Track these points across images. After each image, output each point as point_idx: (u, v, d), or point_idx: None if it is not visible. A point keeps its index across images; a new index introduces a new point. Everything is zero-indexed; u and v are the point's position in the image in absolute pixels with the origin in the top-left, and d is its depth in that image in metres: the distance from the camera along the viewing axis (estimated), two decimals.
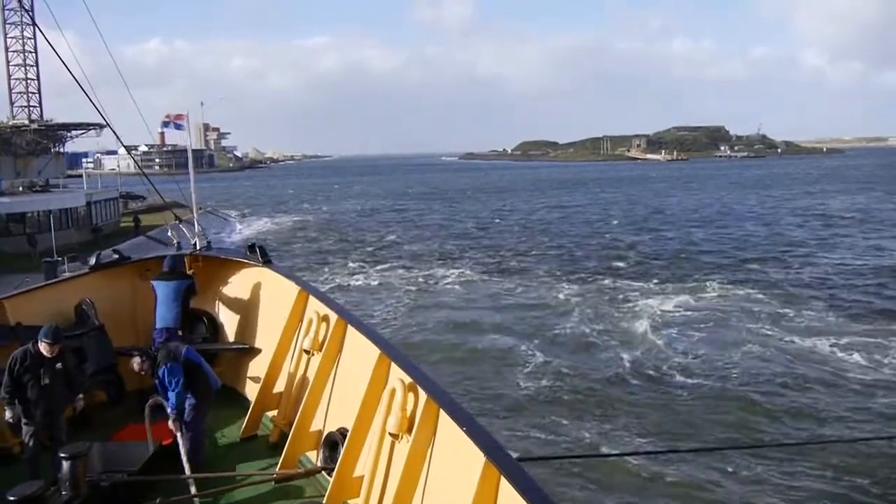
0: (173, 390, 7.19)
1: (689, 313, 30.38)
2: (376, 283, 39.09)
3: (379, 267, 44.27)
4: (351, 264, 45.45)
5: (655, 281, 37.58)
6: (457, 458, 4.88)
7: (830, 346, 24.80)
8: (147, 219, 63.89)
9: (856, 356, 23.53)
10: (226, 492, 6.72)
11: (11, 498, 4.97)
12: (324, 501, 6.05)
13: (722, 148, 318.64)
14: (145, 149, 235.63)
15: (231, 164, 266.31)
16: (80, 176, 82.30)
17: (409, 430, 5.51)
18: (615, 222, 68.97)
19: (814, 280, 37.10)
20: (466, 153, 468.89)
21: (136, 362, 7.37)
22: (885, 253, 45.22)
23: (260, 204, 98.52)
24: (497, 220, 72.87)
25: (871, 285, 35.29)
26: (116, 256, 10.05)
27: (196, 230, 10.14)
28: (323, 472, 6.71)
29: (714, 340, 26.04)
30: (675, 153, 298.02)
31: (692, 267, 41.54)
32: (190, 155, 12.23)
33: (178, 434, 7.02)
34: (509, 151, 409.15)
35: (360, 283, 39.26)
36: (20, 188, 54.04)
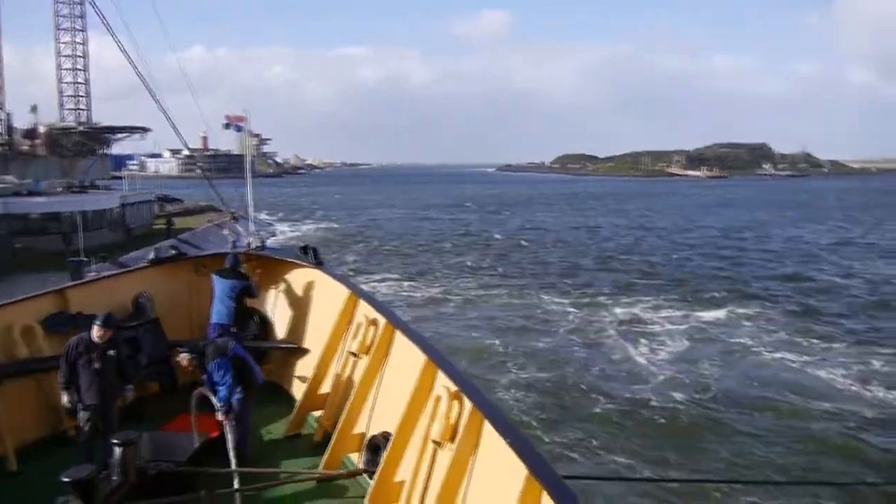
0: (222, 384, 7.40)
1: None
2: (417, 293, 39.63)
3: (426, 278, 44.99)
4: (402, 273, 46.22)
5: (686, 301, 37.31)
6: (499, 470, 4.84)
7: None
8: (181, 221, 65.67)
9: None
10: (269, 487, 6.89)
11: (65, 479, 5.08)
12: (364, 503, 6.12)
13: (764, 166, 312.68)
14: (188, 153, 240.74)
15: (270, 170, 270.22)
16: (127, 178, 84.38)
17: (452, 439, 5.51)
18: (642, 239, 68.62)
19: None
20: (504, 165, 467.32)
21: (184, 358, 7.59)
22: None
23: (297, 209, 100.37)
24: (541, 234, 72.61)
25: None
26: (174, 252, 10.31)
27: (251, 230, 10.51)
28: (365, 474, 6.74)
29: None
30: (715, 170, 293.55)
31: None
32: (248, 159, 12.54)
33: (227, 427, 7.11)
34: (547, 164, 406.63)
35: (409, 293, 39.78)
36: (58, 188, 55.83)
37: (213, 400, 7.35)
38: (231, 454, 6.83)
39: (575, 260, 53.10)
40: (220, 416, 7.28)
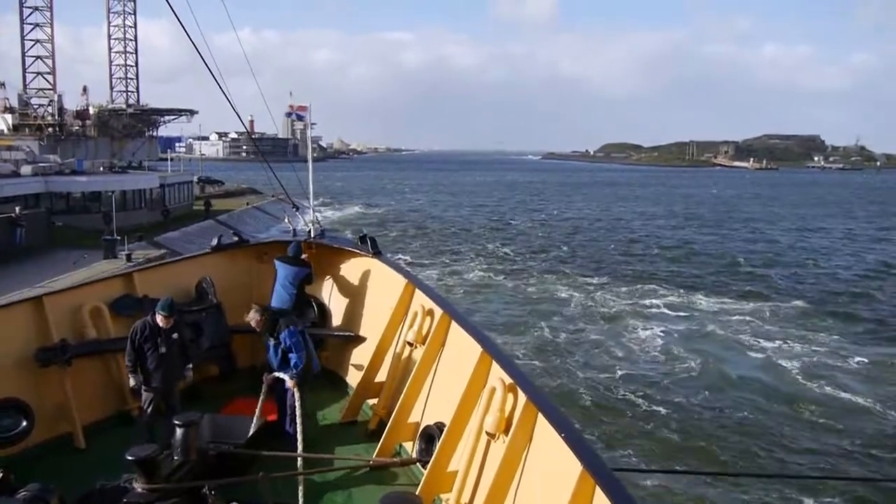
0: (296, 352, 7.46)
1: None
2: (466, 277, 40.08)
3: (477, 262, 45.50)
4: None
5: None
6: (552, 464, 4.81)
7: None
8: (219, 204, 66.82)
9: None
10: (323, 472, 6.94)
11: (129, 457, 5.20)
12: (417, 492, 6.09)
13: (815, 158, 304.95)
14: (235, 136, 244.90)
15: (315, 154, 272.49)
16: (172, 159, 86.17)
17: (506, 431, 5.50)
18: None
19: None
20: (548, 153, 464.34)
21: (253, 316, 7.57)
22: None
23: (339, 192, 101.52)
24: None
25: None
26: (237, 239, 10.44)
27: (310, 218, 10.38)
28: (418, 463, 6.78)
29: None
30: (764, 162, 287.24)
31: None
32: (309, 144, 12.15)
33: (297, 399, 7.21)
34: (591, 153, 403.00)
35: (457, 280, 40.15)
36: (100, 168, 57.38)
37: (283, 375, 7.49)
38: (299, 430, 6.93)
39: (600, 247, 53.50)
40: (289, 384, 7.42)
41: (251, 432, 7.28)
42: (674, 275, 43.47)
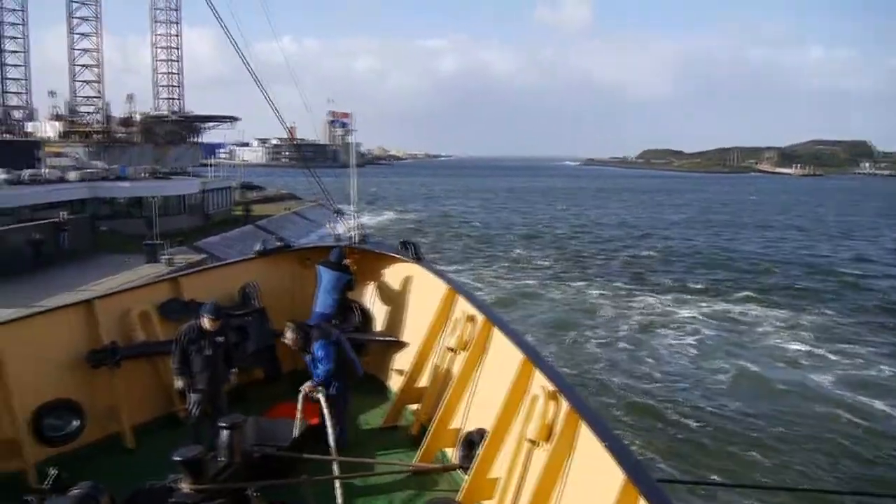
0: (324, 366, 7.53)
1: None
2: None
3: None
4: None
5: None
6: (595, 473, 4.77)
7: None
8: (259, 209, 67.76)
9: None
10: (365, 476, 7.06)
11: (176, 458, 5.31)
12: (459, 498, 6.13)
13: (863, 164, 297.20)
14: (276, 142, 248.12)
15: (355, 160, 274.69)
16: (214, 165, 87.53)
17: (548, 439, 5.48)
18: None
19: None
20: (587, 159, 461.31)
21: (288, 335, 7.70)
22: None
23: (377, 198, 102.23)
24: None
25: None
26: (280, 244, 10.68)
27: (353, 224, 10.67)
28: (459, 469, 6.78)
29: None
30: (809, 168, 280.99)
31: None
32: (352, 151, 12.55)
33: (326, 409, 7.22)
34: (631, 159, 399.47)
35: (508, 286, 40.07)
36: (142, 174, 58.52)
37: (313, 382, 7.57)
38: (330, 438, 6.99)
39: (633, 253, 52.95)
40: (309, 390, 7.47)
41: (294, 435, 7.37)
42: (709, 282, 42.91)
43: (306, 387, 7.53)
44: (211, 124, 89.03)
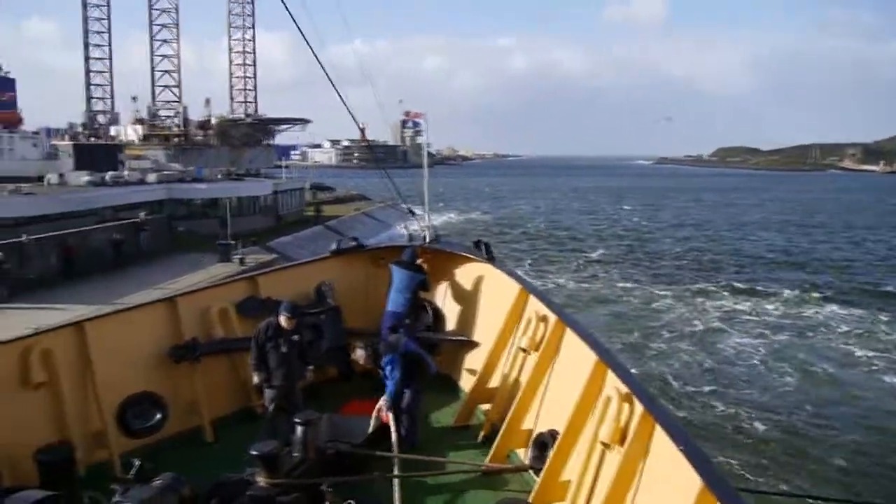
0: (392, 380, 7.60)
1: None
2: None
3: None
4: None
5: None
6: (670, 478, 4.69)
7: None
8: (329, 209, 68.71)
9: None
10: (436, 475, 7.11)
11: (253, 452, 5.55)
12: (530, 500, 6.12)
13: None
14: (347, 143, 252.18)
15: (422, 161, 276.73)
16: (287, 167, 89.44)
17: (622, 442, 5.41)
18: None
19: None
20: (660, 157, 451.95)
21: (361, 356, 7.80)
22: None
23: (446, 199, 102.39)
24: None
25: None
26: (354, 244, 10.73)
27: (426, 224, 10.62)
28: (531, 470, 6.80)
29: None
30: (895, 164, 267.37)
31: None
32: (425, 151, 12.83)
33: (392, 418, 7.38)
34: (705, 157, 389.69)
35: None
36: (218, 176, 60.01)
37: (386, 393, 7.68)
38: (393, 442, 7.10)
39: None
40: (384, 412, 7.58)
41: (367, 433, 7.44)
42: (782, 282, 41.81)
43: (383, 408, 7.62)
44: (284, 127, 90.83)
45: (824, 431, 19.80)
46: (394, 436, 7.20)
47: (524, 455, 7.13)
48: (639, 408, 5.34)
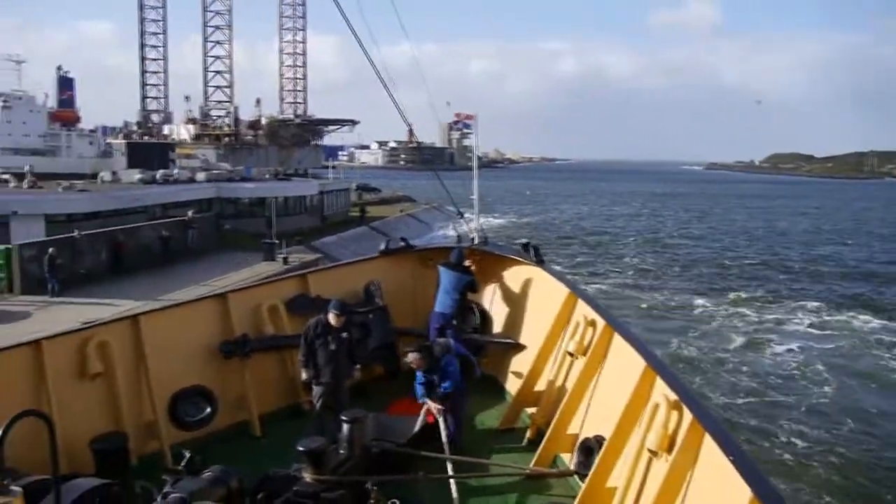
0: (451, 379, 7.55)
1: None
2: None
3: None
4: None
5: None
6: (719, 488, 4.59)
7: None
8: (374, 210, 69.04)
9: None
10: (481, 477, 7.11)
11: (300, 448, 5.65)
12: None
13: None
14: (394, 145, 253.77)
15: (469, 164, 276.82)
16: (334, 167, 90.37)
17: (669, 450, 5.31)
18: None
19: None
20: (710, 163, 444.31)
21: (411, 357, 7.70)
22: None
23: (491, 201, 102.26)
24: None
25: None
26: (403, 244, 10.65)
27: (475, 226, 10.67)
28: (576, 475, 6.71)
29: None
30: None
31: None
32: (476, 153, 12.86)
33: (441, 418, 7.37)
34: (757, 163, 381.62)
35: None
36: (265, 175, 60.81)
37: (438, 392, 7.60)
38: (444, 442, 7.12)
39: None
40: (436, 407, 7.52)
41: (413, 433, 7.45)
42: (832, 294, 40.86)
43: (434, 407, 7.55)
44: (332, 127, 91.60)
45: (872, 449, 19.29)
46: (444, 435, 7.19)
47: (569, 460, 7.07)
48: (688, 416, 5.23)
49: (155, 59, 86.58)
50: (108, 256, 32.77)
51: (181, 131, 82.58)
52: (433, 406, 7.51)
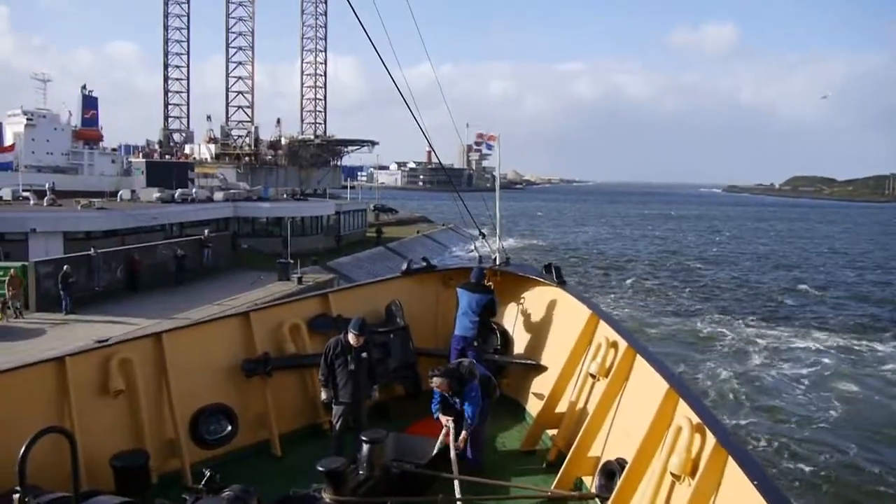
0: (473, 404, 7.43)
1: None
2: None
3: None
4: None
5: None
6: None
7: None
8: (391, 231, 69.18)
9: None
10: (500, 499, 7.10)
11: (320, 468, 5.63)
12: None
13: None
14: (413, 165, 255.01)
15: (488, 185, 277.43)
16: (353, 188, 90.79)
17: (693, 474, 5.23)
18: None
19: None
20: (729, 185, 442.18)
21: (440, 383, 7.61)
22: None
23: (513, 222, 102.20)
24: None
25: None
26: (425, 265, 10.59)
27: (497, 247, 10.65)
28: (597, 499, 6.60)
29: None
30: None
31: None
32: (498, 173, 12.84)
33: (452, 434, 7.33)
34: (777, 186, 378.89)
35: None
36: (283, 195, 61.09)
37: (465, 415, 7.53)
38: (453, 462, 7.02)
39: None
40: (446, 418, 7.50)
41: (433, 454, 7.38)
42: (840, 317, 40.62)
43: (444, 419, 7.52)
44: (352, 148, 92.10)
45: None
46: (452, 451, 7.12)
47: (591, 483, 6.97)
48: (711, 439, 5.16)
49: (178, 80, 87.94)
50: (124, 274, 33.07)
51: (202, 150, 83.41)
52: (444, 419, 7.46)
